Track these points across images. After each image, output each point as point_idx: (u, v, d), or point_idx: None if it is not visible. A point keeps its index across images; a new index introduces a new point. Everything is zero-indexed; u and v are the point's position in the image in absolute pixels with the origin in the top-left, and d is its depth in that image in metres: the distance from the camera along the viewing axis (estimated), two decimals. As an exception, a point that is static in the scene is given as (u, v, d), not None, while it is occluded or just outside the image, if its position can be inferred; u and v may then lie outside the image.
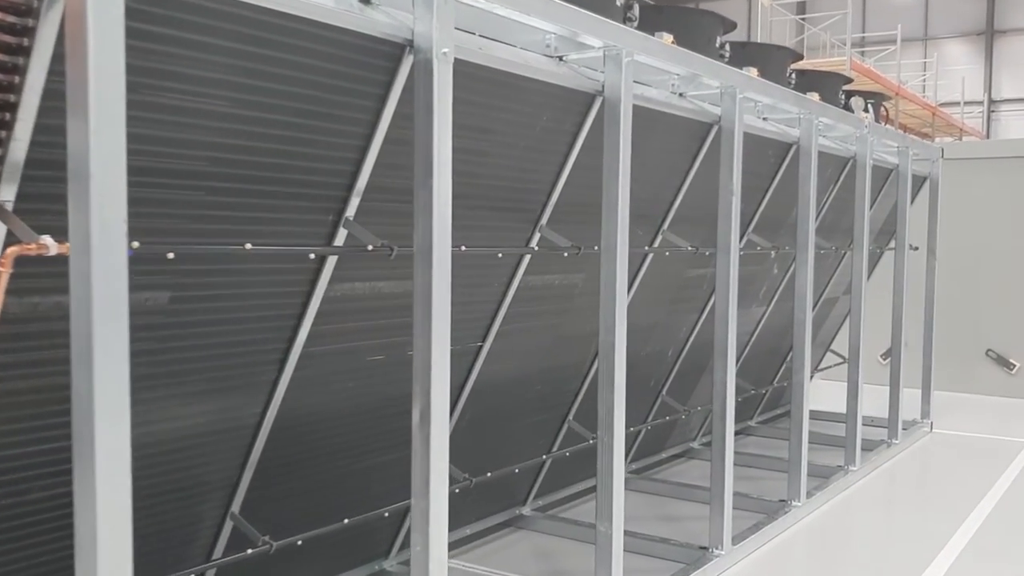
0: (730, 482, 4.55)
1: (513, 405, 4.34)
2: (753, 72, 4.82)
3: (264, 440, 3.18)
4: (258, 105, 2.54)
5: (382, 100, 2.84)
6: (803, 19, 24.10)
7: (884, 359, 9.84)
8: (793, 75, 6.10)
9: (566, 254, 3.71)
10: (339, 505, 3.63)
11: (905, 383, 7.50)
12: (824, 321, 7.77)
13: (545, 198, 3.75)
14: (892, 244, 7.54)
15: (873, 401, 7.09)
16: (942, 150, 7.75)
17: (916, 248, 7.64)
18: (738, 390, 6.60)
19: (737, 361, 6.55)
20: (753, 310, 6.30)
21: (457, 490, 3.94)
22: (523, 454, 4.57)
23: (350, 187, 2.92)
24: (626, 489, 5.82)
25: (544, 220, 3.78)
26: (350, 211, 2.96)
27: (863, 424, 7.65)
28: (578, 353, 4.65)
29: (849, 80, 6.96)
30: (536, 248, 3.79)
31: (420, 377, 2.72)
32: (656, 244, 4.67)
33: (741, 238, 5.55)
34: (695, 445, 6.73)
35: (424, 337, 2.70)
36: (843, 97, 6.94)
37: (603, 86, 3.57)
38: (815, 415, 8.16)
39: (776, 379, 7.56)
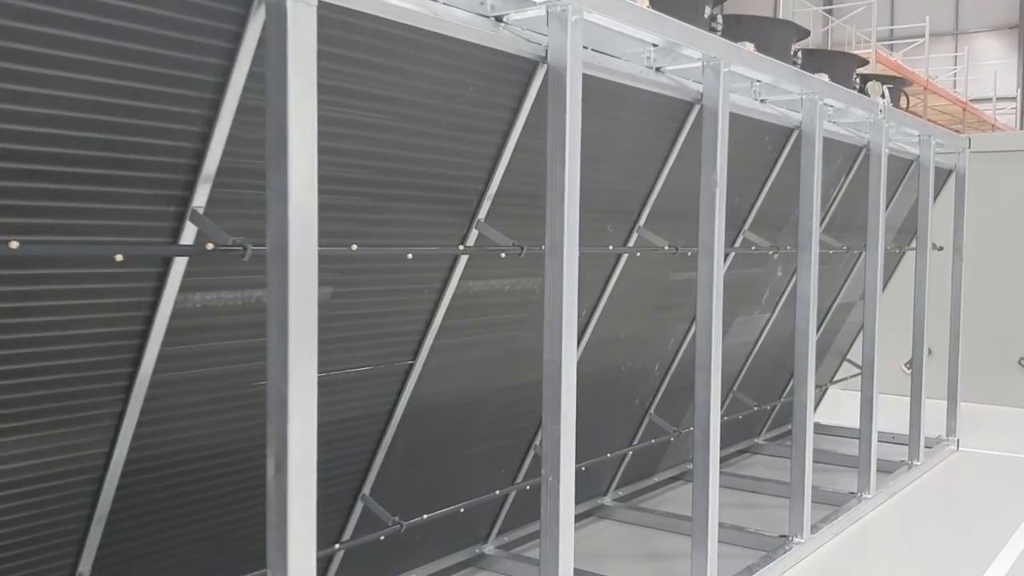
0: (715, 517, 3.91)
1: (461, 432, 3.72)
2: (749, 47, 4.18)
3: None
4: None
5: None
6: (827, 11, 23.30)
7: (908, 367, 9.14)
8: (799, 54, 5.43)
9: (503, 255, 3.08)
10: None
11: (930, 394, 6.82)
12: (840, 328, 7.09)
13: (482, 187, 3.12)
14: (914, 244, 6.84)
15: (896, 413, 6.40)
16: (968, 140, 7.05)
17: (941, 248, 6.96)
18: (739, 406, 5.96)
19: (738, 374, 5.90)
20: (755, 317, 5.64)
21: (383, 537, 3.33)
22: (478, 487, 3.95)
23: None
24: (608, 519, 5.28)
25: (481, 215, 3.15)
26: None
27: (882, 442, 7.01)
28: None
29: (864, 62, 6.28)
30: (466, 248, 3.16)
31: (275, 415, 2.10)
32: (631, 243, 4.03)
33: (736, 236, 4.89)
34: (691, 466, 6.06)
35: (279, 363, 2.08)
36: (858, 82, 6.26)
37: (546, 50, 2.95)
38: (829, 431, 7.51)
39: (785, 393, 6.88)
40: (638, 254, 3.97)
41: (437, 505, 3.63)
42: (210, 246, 2.25)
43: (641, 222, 4.00)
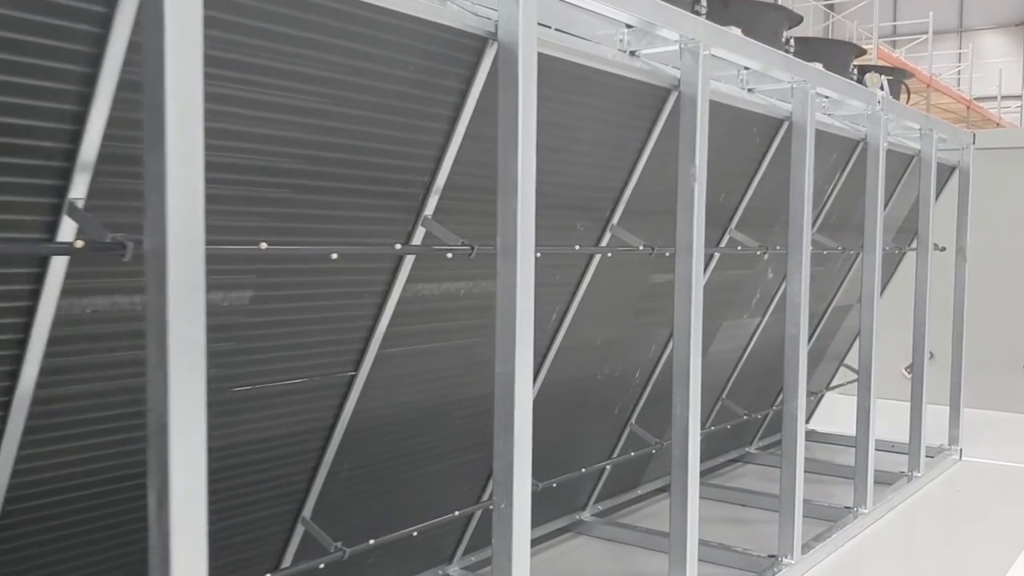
0: (694, 538, 3.60)
1: (417, 448, 3.40)
2: (735, 32, 3.86)
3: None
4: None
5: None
6: (828, 6, 22.97)
7: (909, 371, 8.81)
8: (791, 42, 5.11)
9: (449, 255, 2.77)
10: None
11: (933, 400, 6.50)
12: (836, 332, 6.77)
13: (428, 179, 2.81)
14: (915, 244, 6.52)
15: (896, 420, 6.08)
16: (973, 135, 6.73)
17: (943, 248, 6.64)
18: (728, 415, 5.65)
19: (727, 382, 5.58)
20: (745, 322, 5.32)
21: (322, 565, 3.01)
22: (437, 507, 3.63)
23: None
24: (586, 535, 4.95)
25: (428, 211, 2.84)
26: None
27: (881, 450, 6.67)
28: (506, 379, 3.71)
29: (862, 51, 5.97)
30: (405, 247, 2.84)
31: (155, 441, 1.79)
32: (604, 242, 3.72)
33: (722, 236, 4.58)
34: (680, 478, 5.75)
35: (159, 382, 1.77)
36: (855, 73, 5.95)
37: (495, 25, 2.64)
38: (825, 439, 7.19)
39: (777, 401, 6.56)
40: (609, 255, 3.66)
41: (389, 528, 3.32)
42: (80, 243, 1.93)
43: (615, 220, 3.69)
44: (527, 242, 2.60)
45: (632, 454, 4.66)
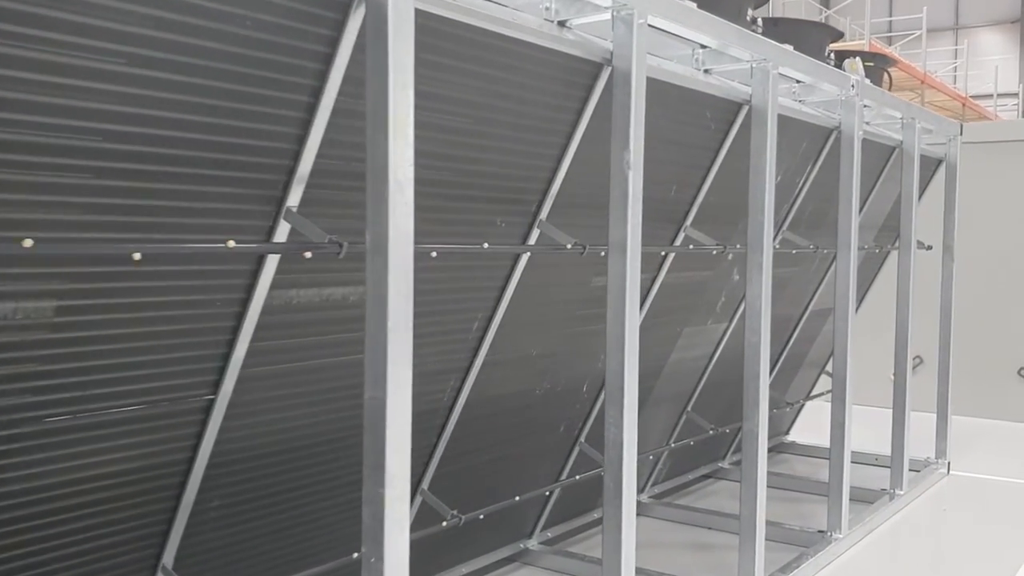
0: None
1: (300, 484, 2.94)
2: (691, 6, 3.42)
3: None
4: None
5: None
6: (822, 1, 22.52)
7: (898, 378, 8.35)
8: (759, 21, 4.65)
9: (308, 255, 2.31)
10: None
11: (921, 407, 6.06)
12: (815, 337, 6.31)
13: (290, 163, 2.35)
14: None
15: (881, 429, 5.61)
16: (960, 126, 6.27)
17: (930, 247, 6.20)
18: (693, 430, 5.20)
19: (692, 393, 5.13)
20: (709, 327, 4.86)
21: (177, 622, 2.56)
22: (329, 550, 3.17)
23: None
24: (532, 566, 4.39)
25: (293, 202, 2.38)
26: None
27: (863, 464, 6.28)
28: (421, 400, 3.26)
29: (839, 34, 5.51)
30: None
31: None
32: (531, 240, 3.26)
33: (677, 233, 4.12)
34: (643, 499, 5.30)
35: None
36: (832, 58, 5.50)
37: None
38: (805, 451, 6.74)
39: (753, 410, 6.10)
40: (528, 255, 3.19)
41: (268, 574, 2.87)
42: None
43: (543, 215, 3.23)
44: (402, 237, 2.15)
45: (577, 477, 4.20)
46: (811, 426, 7.15)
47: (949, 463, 6.22)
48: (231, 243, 2.13)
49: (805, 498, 5.63)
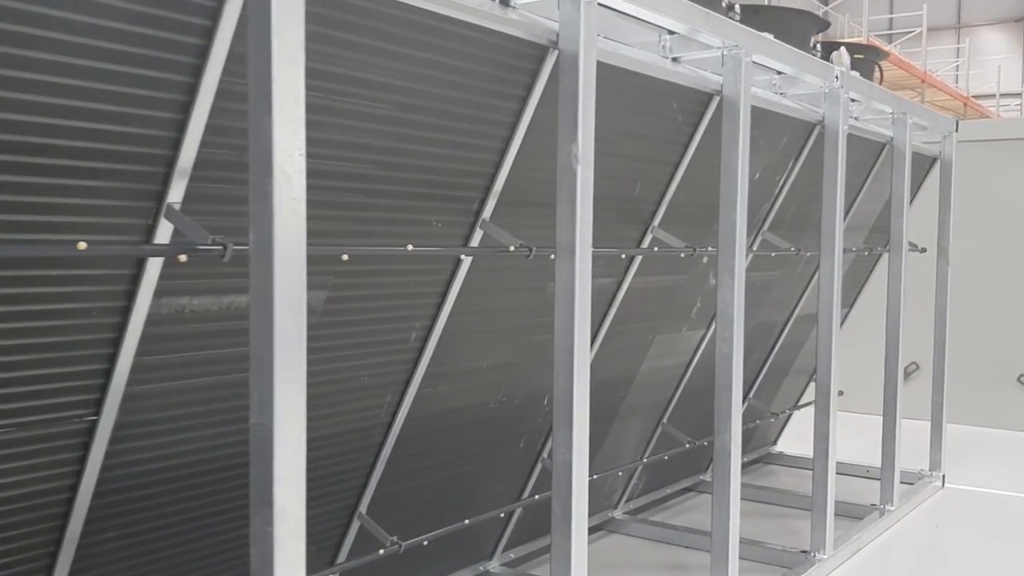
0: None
1: (199, 507, 2.65)
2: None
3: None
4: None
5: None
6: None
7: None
8: (736, 8, 4.36)
9: (183, 258, 2.03)
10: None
11: (917, 415, 5.79)
12: (803, 343, 6.02)
13: (170, 155, 2.06)
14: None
15: (878, 438, 5.32)
16: (956, 122, 5.98)
17: (924, 250, 5.90)
18: (670, 442, 4.91)
19: (668, 404, 4.84)
20: (684, 335, 4.57)
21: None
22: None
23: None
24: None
25: (174, 199, 2.09)
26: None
27: (854, 476, 6.01)
28: (353, 417, 2.98)
29: (826, 25, 5.22)
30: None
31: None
32: (473, 241, 2.98)
33: (643, 234, 3.83)
34: (616, 515, 5.01)
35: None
36: (819, 50, 5.21)
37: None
38: (794, 463, 6.44)
39: (736, 420, 5.80)
40: (462, 257, 2.90)
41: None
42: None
43: (486, 214, 2.94)
44: (291, 237, 1.86)
45: (536, 497, 3.91)
46: (801, 436, 6.85)
47: (944, 476, 5.92)
48: (82, 245, 1.84)
49: (790, 514, 5.33)
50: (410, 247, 2.54)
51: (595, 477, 4.25)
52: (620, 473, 4.62)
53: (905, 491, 5.47)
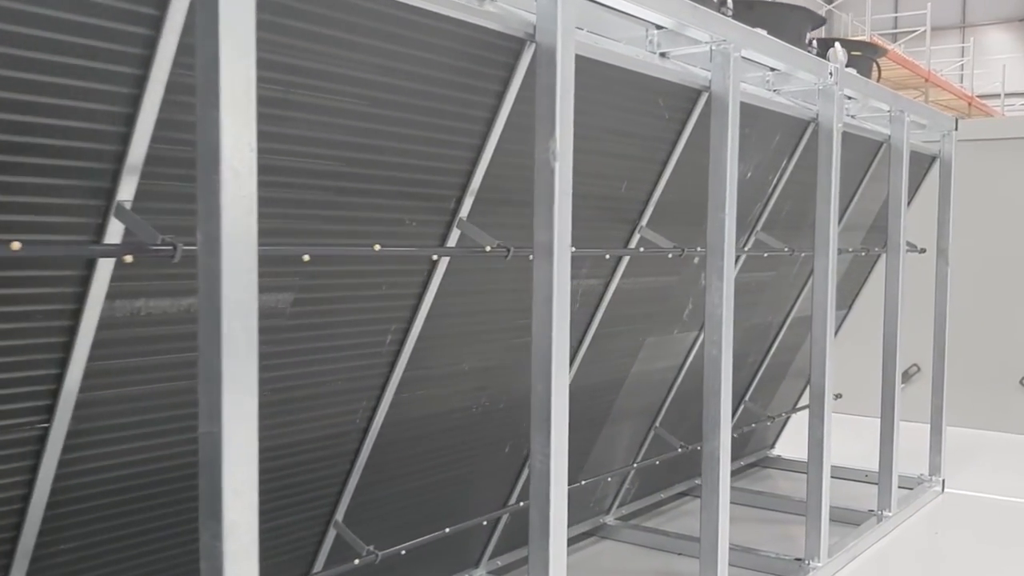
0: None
1: (157, 518, 2.56)
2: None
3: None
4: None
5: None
6: None
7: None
8: (729, 3, 4.26)
9: (129, 258, 1.93)
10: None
11: (917, 418, 5.71)
12: (800, 345, 5.91)
13: (120, 149, 1.97)
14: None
15: (876, 441, 5.22)
16: (956, 120, 5.88)
17: (923, 250, 5.80)
18: (663, 446, 4.81)
19: (660, 407, 4.74)
20: (676, 337, 4.47)
21: None
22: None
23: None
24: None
25: (124, 196, 2.00)
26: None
27: (853, 480, 5.92)
28: (326, 423, 2.89)
29: (821, 21, 5.13)
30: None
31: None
32: (451, 243, 2.88)
33: (631, 234, 3.74)
34: (608, 521, 4.92)
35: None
36: (814, 47, 5.11)
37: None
38: (792, 467, 6.34)
39: (732, 422, 5.70)
40: (434, 258, 2.81)
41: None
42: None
43: (463, 213, 2.85)
44: (241, 236, 1.77)
45: (521, 504, 3.82)
46: (799, 439, 6.74)
47: (944, 480, 5.82)
48: (15, 245, 1.75)
49: (787, 519, 5.23)
50: (377, 247, 2.45)
51: (583, 483, 4.16)
52: (609, 479, 4.52)
53: (904, 496, 5.37)
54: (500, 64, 2.69)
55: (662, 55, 3.42)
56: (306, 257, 2.25)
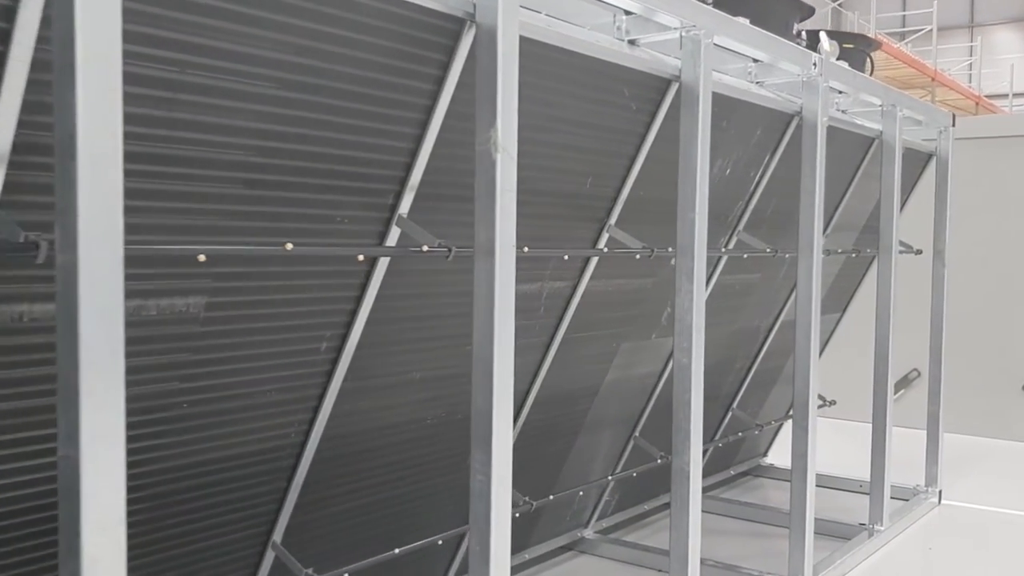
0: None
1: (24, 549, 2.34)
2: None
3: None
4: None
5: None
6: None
7: (894, 393, 7.70)
8: (709, -9, 4.03)
9: (-19, 259, 1.72)
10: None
11: (918, 424, 5.50)
12: (790, 351, 5.65)
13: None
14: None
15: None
16: (953, 116, 5.64)
17: (919, 251, 5.57)
18: (644, 456, 4.59)
19: (640, 416, 4.52)
20: (653, 342, 4.25)
21: None
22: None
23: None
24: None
25: (-8, 188, 1.79)
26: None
27: (846, 490, 5.70)
28: (257, 437, 2.67)
29: (809, 11, 4.89)
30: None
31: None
32: (391, 241, 2.67)
33: (599, 233, 3.51)
34: (587, 534, 4.69)
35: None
36: (803, 37, 4.89)
37: None
38: (783, 475, 6.11)
39: (719, 432, 5.48)
40: (360, 258, 2.58)
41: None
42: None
43: (403, 209, 2.63)
44: (105, 234, 1.55)
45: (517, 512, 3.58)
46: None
47: (941, 491, 5.58)
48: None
49: (775, 533, 5.00)
50: (289, 246, 2.23)
51: (551, 498, 3.94)
52: (581, 493, 4.29)
53: (898, 508, 5.13)
54: (438, 46, 2.47)
55: (631, 42, 3.20)
56: (201, 257, 2.03)
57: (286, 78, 2.16)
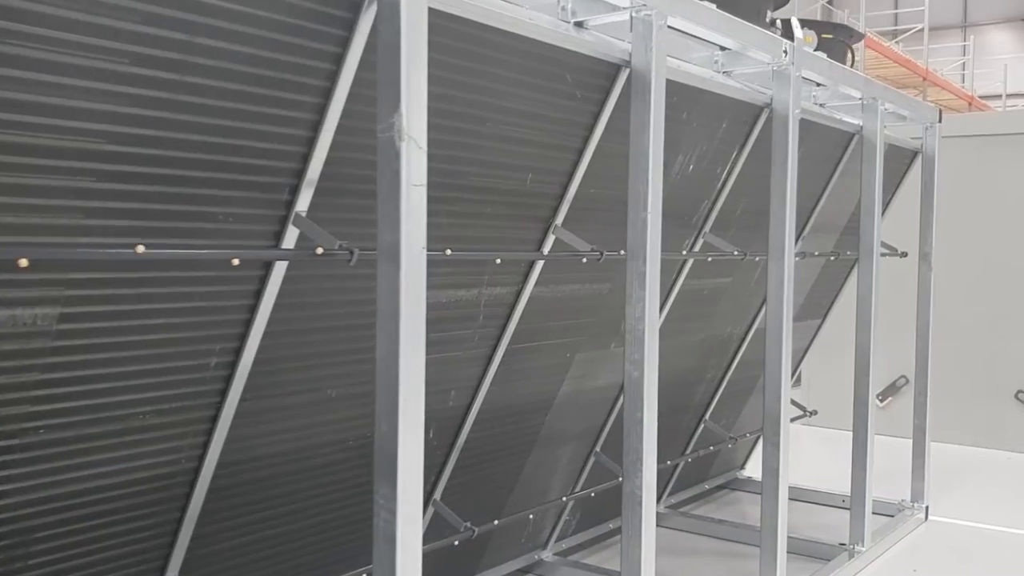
0: None
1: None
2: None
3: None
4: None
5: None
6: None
7: (881, 400, 7.43)
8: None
9: None
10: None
11: (904, 432, 5.20)
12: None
13: None
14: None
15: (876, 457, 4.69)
16: (939, 111, 5.34)
17: (904, 254, 5.28)
18: (604, 474, 4.28)
19: (600, 431, 4.21)
20: (612, 352, 3.93)
21: None
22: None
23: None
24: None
25: None
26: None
27: (830, 506, 5.40)
28: (147, 463, 2.35)
29: (783, 1, 4.59)
30: None
31: None
32: (287, 243, 2.35)
33: (544, 235, 3.20)
34: (545, 557, 4.38)
35: None
36: (778, 26, 4.58)
37: None
38: (759, 488, 5.80)
39: (690, 445, 5.17)
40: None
41: None
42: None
43: (301, 207, 2.32)
44: None
45: (457, 541, 3.28)
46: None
47: (927, 507, 5.27)
48: None
49: (749, 552, 4.68)
50: (140, 249, 1.90)
51: (496, 523, 3.62)
52: (532, 516, 3.98)
53: (882, 526, 4.83)
54: (337, 20, 2.15)
55: (577, 24, 2.89)
56: (24, 262, 1.71)
57: (145, 53, 1.85)
